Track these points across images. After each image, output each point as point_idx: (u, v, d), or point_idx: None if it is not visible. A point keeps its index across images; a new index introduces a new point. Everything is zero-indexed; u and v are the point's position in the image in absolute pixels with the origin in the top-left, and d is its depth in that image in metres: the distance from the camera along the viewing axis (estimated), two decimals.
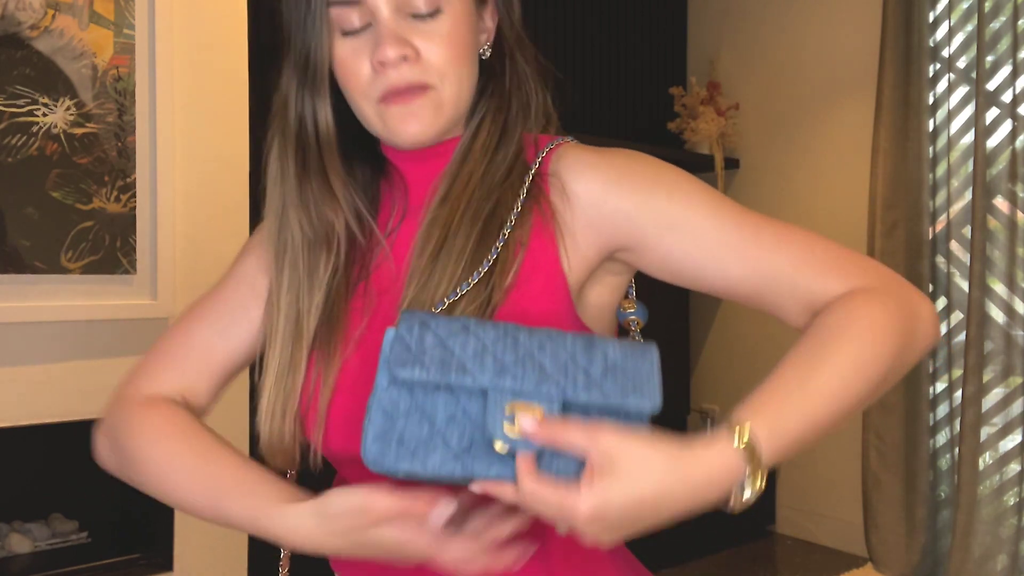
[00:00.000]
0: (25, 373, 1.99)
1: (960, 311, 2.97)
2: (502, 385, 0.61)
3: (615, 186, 0.77)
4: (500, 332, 0.64)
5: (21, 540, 2.22)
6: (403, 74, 0.73)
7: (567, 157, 0.80)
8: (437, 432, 0.61)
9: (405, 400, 0.62)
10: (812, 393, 0.65)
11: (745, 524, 3.51)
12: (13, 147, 1.94)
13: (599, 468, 0.59)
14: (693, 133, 3.65)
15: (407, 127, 0.75)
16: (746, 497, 0.65)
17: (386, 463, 0.61)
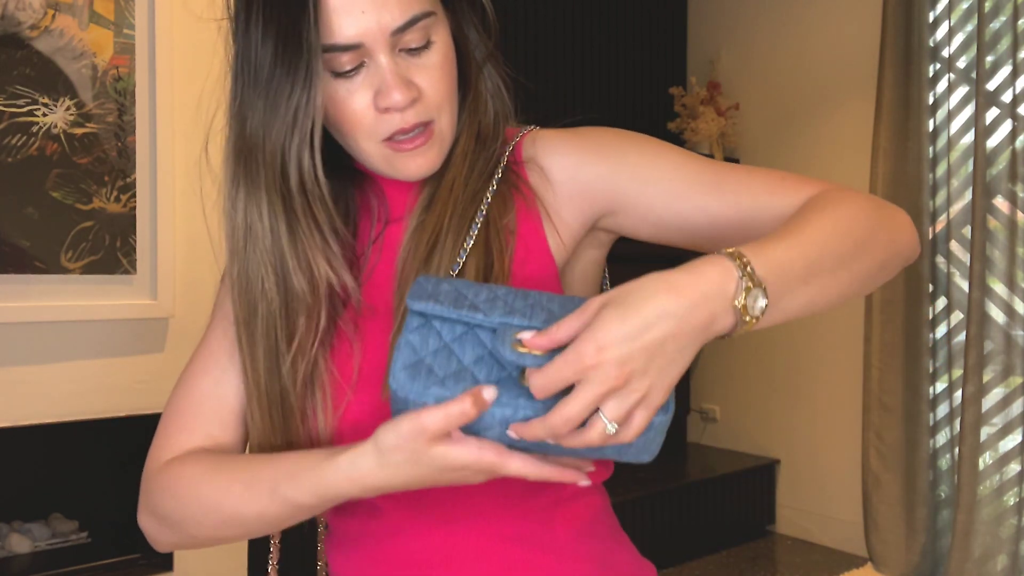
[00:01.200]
0: (25, 373, 1.99)
1: (960, 311, 2.97)
2: (511, 323, 0.63)
3: (589, 154, 0.81)
4: (510, 288, 0.67)
5: (21, 540, 2.22)
6: (408, 117, 0.72)
7: (538, 140, 0.83)
8: (466, 369, 0.63)
9: (435, 340, 0.64)
10: (800, 237, 0.65)
11: (745, 524, 3.51)
12: (13, 147, 1.94)
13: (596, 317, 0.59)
14: (693, 133, 3.65)
15: (416, 167, 0.76)
16: (746, 303, 0.59)
17: (414, 389, 0.61)
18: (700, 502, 3.32)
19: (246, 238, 0.81)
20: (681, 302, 0.59)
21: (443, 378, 0.62)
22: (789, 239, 0.64)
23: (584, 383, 0.57)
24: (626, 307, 0.58)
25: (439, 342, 0.64)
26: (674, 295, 0.59)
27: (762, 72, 3.68)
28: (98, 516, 2.41)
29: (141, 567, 2.23)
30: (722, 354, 3.84)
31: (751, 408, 3.73)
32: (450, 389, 0.61)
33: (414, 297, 0.65)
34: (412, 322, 0.65)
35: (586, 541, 0.79)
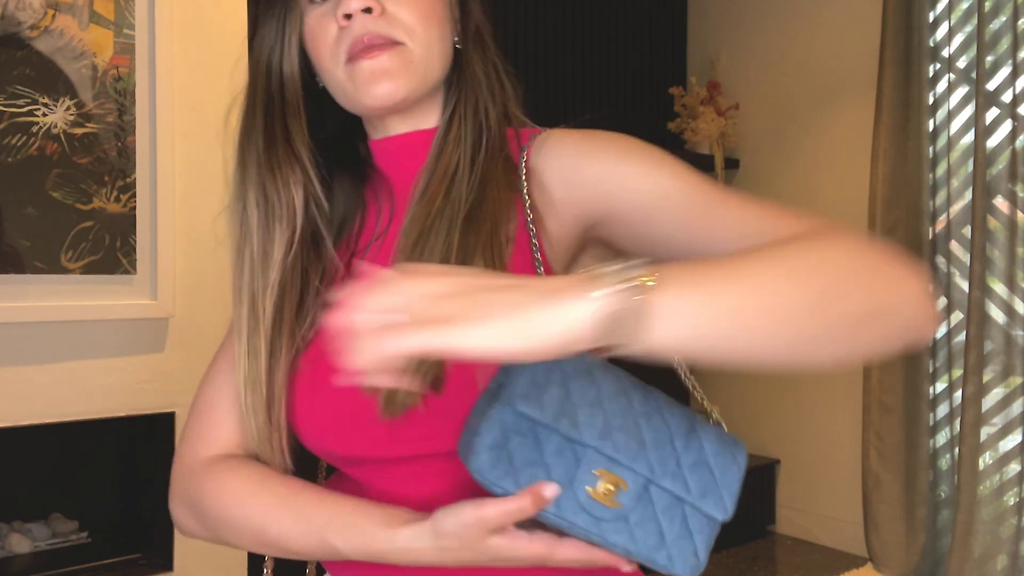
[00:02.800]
0: (25, 373, 1.99)
1: (960, 311, 2.97)
2: (603, 447, 0.61)
3: (586, 155, 0.75)
4: (617, 387, 0.63)
5: (21, 540, 2.22)
6: (367, 24, 0.71)
7: (545, 143, 0.78)
8: (542, 461, 0.61)
9: (524, 424, 0.61)
10: (737, 273, 0.54)
11: (745, 524, 3.51)
12: (13, 147, 1.94)
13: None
14: (693, 133, 3.65)
15: (377, 85, 0.73)
16: (616, 326, 0.49)
17: (493, 475, 0.60)
18: None
19: (240, 157, 0.83)
20: (532, 292, 0.51)
21: (520, 467, 0.60)
22: (724, 271, 0.54)
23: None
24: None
25: (527, 426, 0.61)
26: (530, 291, 0.51)
27: (762, 72, 3.68)
28: (98, 516, 2.41)
29: (141, 567, 2.23)
30: None
31: (751, 408, 3.73)
32: (523, 483, 0.60)
33: (520, 396, 0.60)
34: (505, 397, 0.62)
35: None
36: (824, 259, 0.57)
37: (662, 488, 0.63)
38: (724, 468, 0.64)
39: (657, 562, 0.63)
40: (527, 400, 0.60)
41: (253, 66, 0.80)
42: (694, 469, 0.63)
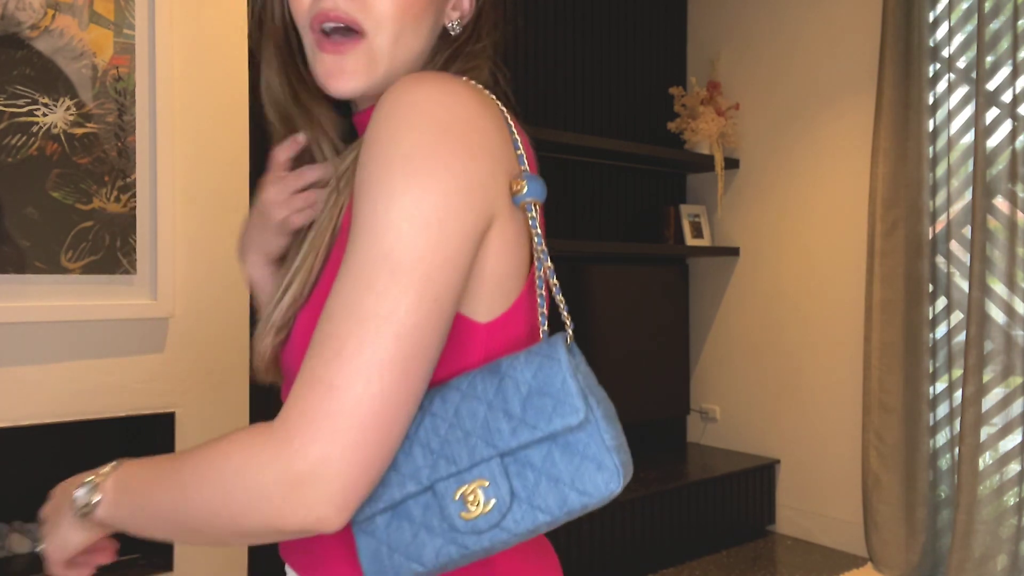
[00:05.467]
0: (25, 373, 1.99)
1: (960, 311, 2.97)
2: (440, 473, 0.61)
3: (364, 145, 0.65)
4: (426, 405, 0.63)
5: (21, 540, 2.22)
6: (338, 3, 0.69)
7: (382, 96, 0.66)
8: (415, 526, 0.62)
9: (376, 521, 0.63)
10: (164, 467, 0.66)
11: (745, 524, 3.51)
12: (13, 147, 1.95)
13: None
14: (693, 133, 3.65)
15: (337, 82, 0.72)
16: (80, 504, 0.70)
17: (393, 570, 0.63)
18: (700, 502, 3.32)
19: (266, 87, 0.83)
20: (57, 494, 0.75)
21: (404, 546, 0.63)
22: (163, 464, 0.66)
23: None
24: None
25: (386, 520, 0.64)
26: (60, 504, 0.73)
27: (762, 72, 3.68)
28: None
29: (141, 567, 2.23)
30: (722, 354, 3.84)
31: (751, 408, 3.73)
32: (418, 561, 0.63)
33: (361, 514, 0.64)
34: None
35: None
36: (202, 481, 0.61)
37: (517, 449, 0.61)
38: (548, 377, 0.61)
39: (579, 504, 0.61)
40: (363, 507, 0.63)
41: (259, 15, 0.81)
42: (527, 405, 0.61)
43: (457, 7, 0.77)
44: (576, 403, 0.60)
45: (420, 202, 0.59)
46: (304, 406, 0.58)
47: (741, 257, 3.76)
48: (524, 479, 0.61)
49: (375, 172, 0.61)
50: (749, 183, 3.74)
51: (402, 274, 0.59)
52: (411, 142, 0.61)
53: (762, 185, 3.68)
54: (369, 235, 0.60)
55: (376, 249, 0.59)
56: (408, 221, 0.59)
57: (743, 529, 3.49)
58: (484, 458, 0.61)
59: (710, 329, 3.89)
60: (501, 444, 0.61)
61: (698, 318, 3.94)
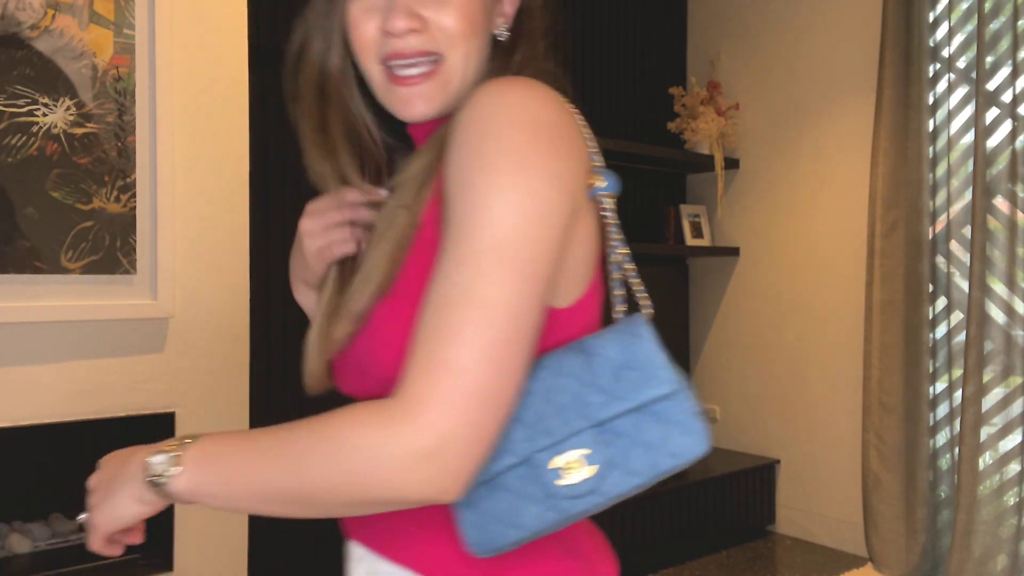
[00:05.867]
0: (25, 373, 1.99)
1: (960, 311, 2.97)
2: (538, 444, 0.66)
3: (455, 146, 0.69)
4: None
5: (21, 540, 2.22)
6: (409, 43, 0.74)
7: (469, 99, 0.70)
8: (513, 496, 0.67)
9: (480, 490, 0.67)
10: (257, 444, 0.67)
11: (745, 524, 3.51)
12: (13, 147, 1.95)
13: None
14: (693, 133, 3.65)
15: (412, 109, 0.76)
16: (155, 472, 0.69)
17: (492, 543, 0.67)
18: (700, 502, 3.32)
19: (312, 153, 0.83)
20: (113, 464, 0.74)
21: (503, 515, 0.67)
22: (254, 440, 0.68)
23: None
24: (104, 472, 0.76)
25: (487, 487, 0.68)
26: (121, 469, 0.72)
27: (762, 72, 3.68)
28: None
29: (141, 567, 2.23)
30: (722, 354, 3.84)
31: (751, 408, 3.73)
32: (519, 528, 0.67)
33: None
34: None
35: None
36: (315, 454, 0.64)
37: (611, 420, 0.66)
38: (635, 353, 0.67)
39: (669, 466, 0.67)
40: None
41: (300, 51, 0.82)
42: (618, 379, 0.66)
43: (501, 13, 0.81)
44: (666, 375, 0.66)
45: (525, 197, 0.64)
46: (429, 386, 0.62)
47: (741, 257, 3.76)
48: (617, 447, 0.66)
49: (477, 168, 0.65)
50: (749, 183, 3.74)
51: (512, 263, 0.63)
52: (511, 141, 0.65)
53: (762, 185, 3.68)
54: (478, 227, 0.64)
55: (487, 240, 0.63)
56: (515, 214, 0.64)
57: (743, 529, 3.49)
58: (578, 429, 0.66)
59: (710, 329, 3.89)
60: (594, 416, 0.66)
61: (698, 318, 3.94)
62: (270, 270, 2.73)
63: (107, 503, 0.72)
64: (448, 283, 0.64)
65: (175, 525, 2.21)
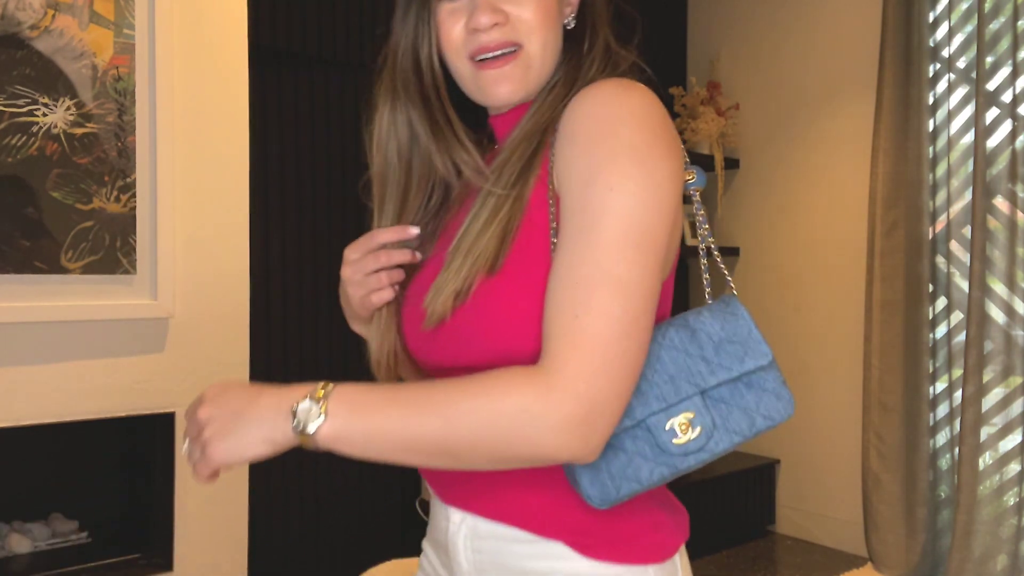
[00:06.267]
0: (25, 373, 1.99)
1: (960, 311, 2.97)
2: (652, 408, 0.76)
3: (571, 140, 0.77)
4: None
5: (21, 540, 2.22)
6: (493, 36, 0.82)
7: (583, 96, 0.79)
8: (628, 454, 0.76)
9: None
10: (403, 398, 0.72)
11: (745, 524, 3.51)
12: (13, 147, 1.95)
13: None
14: (693, 133, 3.65)
15: (499, 88, 0.83)
16: (301, 414, 0.71)
17: (611, 496, 0.75)
18: (700, 502, 3.32)
19: (388, 137, 0.91)
20: (232, 401, 0.75)
21: (618, 473, 0.76)
22: (397, 394, 0.72)
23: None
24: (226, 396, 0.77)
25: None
26: (246, 393, 0.75)
27: (762, 72, 3.68)
28: (98, 516, 2.41)
29: (141, 567, 2.23)
30: None
31: None
32: (635, 481, 0.76)
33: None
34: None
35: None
36: (476, 414, 0.70)
37: (714, 387, 0.76)
38: (734, 329, 0.77)
39: (763, 427, 0.77)
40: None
41: (400, 52, 0.88)
42: (720, 351, 0.76)
43: (568, 3, 0.89)
44: (764, 348, 0.77)
45: (649, 189, 0.72)
46: (579, 358, 0.69)
47: (741, 257, 3.76)
48: (720, 410, 0.76)
49: (601, 163, 0.73)
50: (749, 183, 3.74)
51: (640, 247, 0.71)
52: (633, 139, 0.73)
53: (762, 185, 3.68)
54: (608, 213, 0.72)
55: (619, 227, 0.71)
56: (641, 205, 0.72)
57: (743, 529, 3.49)
58: (688, 395, 0.75)
59: None
60: (701, 383, 0.76)
61: None
62: (270, 270, 2.73)
63: (231, 439, 0.73)
64: (584, 265, 0.71)
65: (175, 525, 2.21)
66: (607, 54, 0.89)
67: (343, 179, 2.89)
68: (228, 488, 2.31)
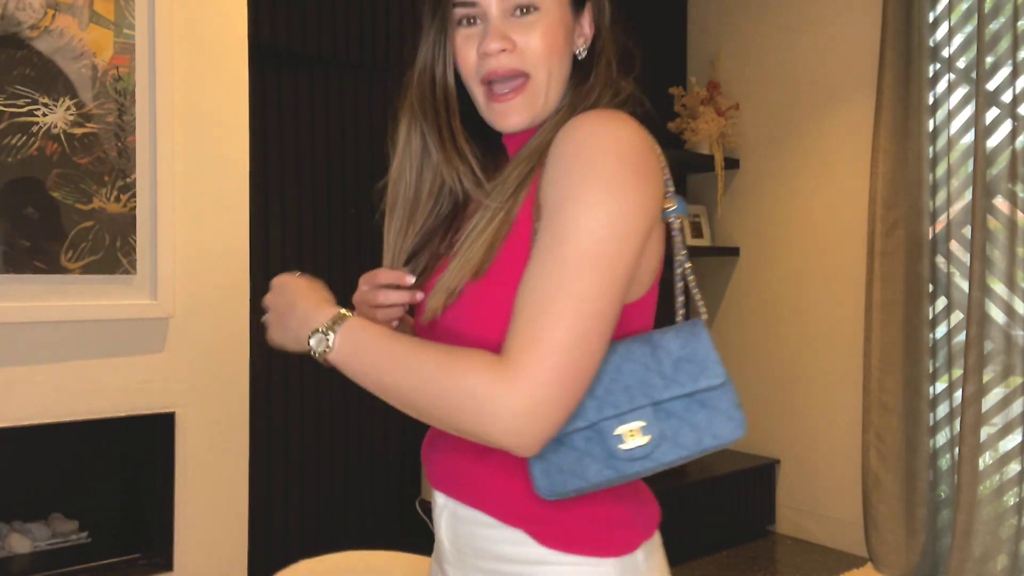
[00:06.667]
0: (25, 373, 1.99)
1: (960, 311, 2.97)
2: (605, 414, 0.80)
3: (554, 163, 0.83)
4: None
5: (21, 540, 2.22)
6: (502, 61, 0.89)
7: (570, 126, 0.85)
8: (578, 453, 0.81)
9: (550, 445, 0.81)
10: (395, 352, 0.83)
11: (745, 524, 3.51)
12: (13, 147, 1.95)
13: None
14: (693, 133, 3.65)
15: (508, 120, 0.91)
16: (314, 344, 0.85)
17: (558, 490, 0.81)
18: (700, 502, 3.32)
19: (404, 147, 0.98)
20: (297, 319, 0.89)
21: (568, 469, 0.82)
22: (388, 345, 0.83)
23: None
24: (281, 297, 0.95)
25: (555, 444, 0.82)
26: (298, 314, 0.89)
27: (762, 72, 3.68)
28: (98, 516, 2.41)
29: (141, 567, 2.23)
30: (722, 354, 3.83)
31: (751, 408, 3.73)
32: (581, 478, 0.82)
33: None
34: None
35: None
36: (436, 382, 0.80)
37: (667, 401, 0.80)
38: (694, 349, 0.81)
39: (711, 445, 0.80)
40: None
41: (418, 71, 0.96)
42: (677, 368, 0.81)
43: (581, 34, 0.95)
44: (719, 369, 0.81)
45: (613, 215, 0.79)
46: (531, 359, 0.76)
47: (741, 257, 3.76)
48: (670, 424, 0.80)
49: (575, 185, 0.80)
50: (749, 183, 3.74)
51: (601, 268, 0.78)
52: (605, 168, 0.80)
53: (762, 185, 3.68)
54: (573, 234, 0.78)
55: (581, 247, 0.78)
56: (606, 228, 0.78)
57: (743, 529, 3.49)
58: (640, 405, 0.80)
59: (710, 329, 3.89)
60: (655, 396, 0.80)
61: None
62: (270, 270, 2.73)
63: (276, 331, 0.92)
64: (548, 277, 0.78)
65: (175, 525, 2.21)
66: (610, 85, 0.94)
67: (343, 179, 2.89)
68: (228, 488, 2.31)
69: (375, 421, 2.96)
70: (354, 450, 2.94)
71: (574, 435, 0.81)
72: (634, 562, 0.88)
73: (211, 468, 2.26)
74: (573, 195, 0.80)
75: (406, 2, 3.01)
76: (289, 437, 2.78)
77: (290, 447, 2.78)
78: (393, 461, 3.03)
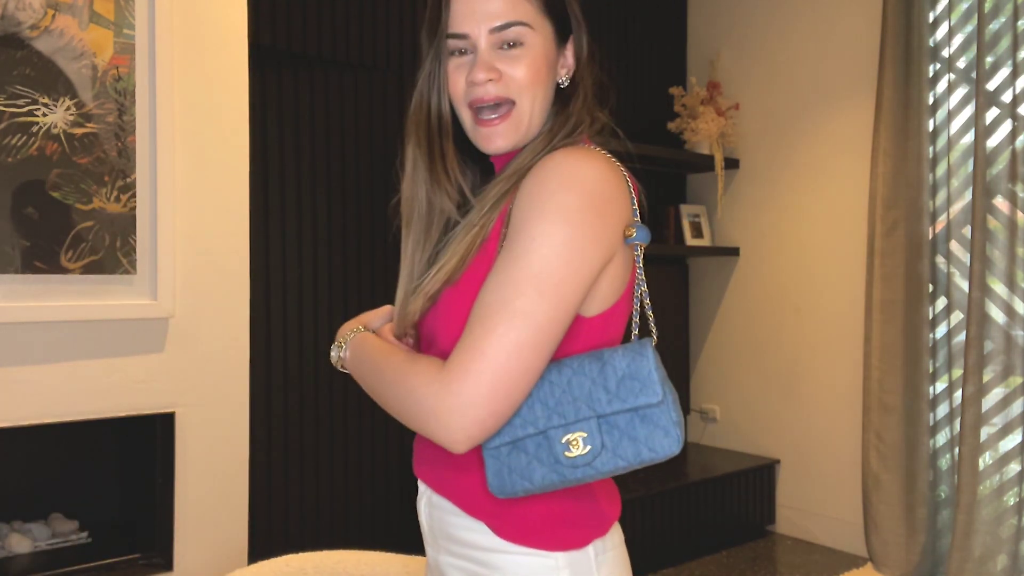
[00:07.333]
0: (25, 373, 1.99)
1: (960, 311, 2.97)
2: (552, 423, 0.88)
3: (525, 191, 0.91)
4: (545, 377, 0.89)
5: (21, 540, 2.22)
6: (488, 90, 0.97)
7: (543, 161, 0.93)
8: (528, 457, 0.89)
9: (504, 449, 0.90)
10: (378, 361, 0.97)
11: (745, 524, 3.51)
12: (13, 147, 1.95)
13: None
14: (693, 133, 3.65)
15: (492, 143, 0.99)
16: (333, 354, 1.07)
17: (506, 489, 0.89)
18: (700, 502, 3.32)
19: (411, 168, 1.05)
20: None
21: (518, 469, 0.90)
22: (373, 355, 0.99)
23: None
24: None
25: (510, 448, 0.91)
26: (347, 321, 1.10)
27: (762, 72, 3.68)
28: (98, 516, 2.41)
29: (141, 567, 2.23)
30: (722, 354, 3.84)
31: (751, 408, 3.73)
32: (528, 479, 0.90)
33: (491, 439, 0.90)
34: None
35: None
36: (395, 385, 0.92)
37: (610, 415, 0.87)
38: (638, 368, 0.87)
39: (648, 458, 0.87)
40: (493, 439, 0.90)
41: (416, 96, 1.04)
42: (622, 385, 0.86)
43: (564, 64, 1.03)
44: (657, 388, 0.86)
45: (564, 242, 0.86)
46: (463, 362, 0.85)
47: (741, 257, 3.76)
48: (611, 436, 0.87)
49: (535, 214, 0.88)
50: (749, 183, 3.74)
51: (546, 290, 0.86)
52: (562, 200, 0.87)
53: (762, 185, 3.68)
54: (525, 257, 0.86)
55: (530, 269, 0.86)
56: (554, 254, 0.86)
57: (743, 529, 3.49)
58: (585, 417, 0.87)
59: (710, 329, 3.89)
60: (599, 409, 0.87)
61: (698, 318, 3.94)
62: (270, 270, 2.73)
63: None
64: (496, 293, 0.86)
65: (175, 525, 2.21)
66: (587, 114, 1.02)
67: (343, 179, 2.89)
68: (228, 488, 2.31)
69: (375, 421, 2.96)
70: (354, 450, 2.94)
71: (526, 440, 0.89)
72: (584, 557, 0.95)
73: (211, 468, 2.26)
74: (530, 222, 0.87)
75: (406, 2, 3.01)
76: (289, 437, 2.78)
77: (290, 447, 2.78)
78: (393, 461, 3.03)
